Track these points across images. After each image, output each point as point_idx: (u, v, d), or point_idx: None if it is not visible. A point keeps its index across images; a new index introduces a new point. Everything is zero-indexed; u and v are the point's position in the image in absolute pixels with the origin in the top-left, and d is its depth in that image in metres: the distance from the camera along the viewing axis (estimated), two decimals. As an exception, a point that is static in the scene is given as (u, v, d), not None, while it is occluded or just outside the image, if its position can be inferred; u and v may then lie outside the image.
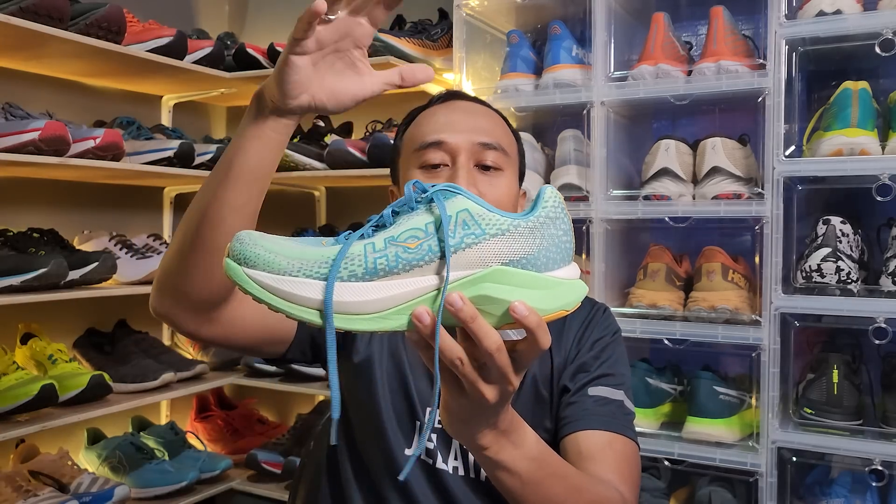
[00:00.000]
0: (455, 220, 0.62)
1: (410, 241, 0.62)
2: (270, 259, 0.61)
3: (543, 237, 0.63)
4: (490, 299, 0.61)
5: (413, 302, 0.61)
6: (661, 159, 1.67)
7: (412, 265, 0.61)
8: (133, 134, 2.09)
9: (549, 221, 0.64)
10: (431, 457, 1.02)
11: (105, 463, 2.00)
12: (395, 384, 1.05)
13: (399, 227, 0.62)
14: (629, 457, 0.96)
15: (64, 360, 1.88)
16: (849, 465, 1.57)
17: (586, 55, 1.80)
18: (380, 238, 0.62)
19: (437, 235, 0.62)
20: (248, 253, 0.61)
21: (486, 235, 0.62)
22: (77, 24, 1.82)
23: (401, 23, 2.24)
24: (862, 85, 1.53)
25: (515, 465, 0.72)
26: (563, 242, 0.64)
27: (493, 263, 0.62)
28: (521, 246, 0.62)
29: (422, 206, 0.63)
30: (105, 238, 2.05)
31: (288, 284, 0.60)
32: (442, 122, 1.03)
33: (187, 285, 0.88)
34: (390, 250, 0.61)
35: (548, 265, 0.63)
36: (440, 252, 0.61)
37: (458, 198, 0.63)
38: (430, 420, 0.65)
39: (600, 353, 1.05)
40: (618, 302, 1.77)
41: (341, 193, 2.51)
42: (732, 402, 1.63)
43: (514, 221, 0.63)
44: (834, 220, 1.55)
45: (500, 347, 0.62)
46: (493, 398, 0.65)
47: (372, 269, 0.61)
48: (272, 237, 0.64)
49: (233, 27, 2.74)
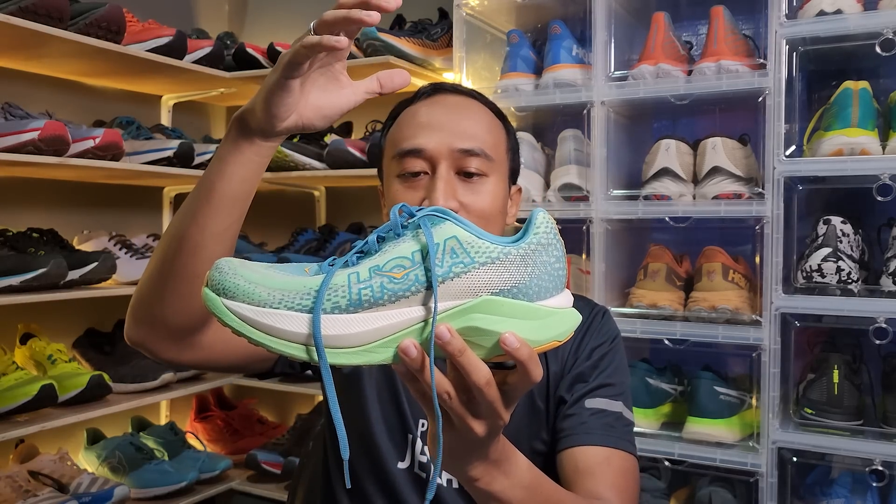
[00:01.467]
0: (443, 247, 0.59)
1: (396, 271, 0.59)
2: (250, 290, 0.58)
3: (535, 265, 0.60)
4: (479, 331, 0.59)
5: (399, 334, 0.59)
6: (662, 159, 1.67)
7: (398, 296, 0.59)
8: (133, 134, 2.09)
9: (541, 248, 0.61)
10: (424, 470, 1.00)
11: (105, 463, 2.00)
12: (385, 396, 1.03)
13: (385, 256, 0.60)
14: (627, 471, 0.94)
15: (63, 361, 1.88)
16: (849, 466, 1.57)
17: (586, 55, 1.80)
18: (364, 267, 0.59)
19: (424, 265, 0.59)
20: (228, 283, 0.58)
21: (476, 264, 0.59)
22: (77, 24, 1.82)
23: (401, 22, 2.24)
24: (862, 85, 1.53)
25: (507, 494, 0.70)
26: (555, 270, 0.61)
27: (483, 293, 0.59)
28: (512, 275, 0.60)
29: (408, 233, 0.61)
30: (104, 238, 2.05)
31: (269, 318, 0.58)
32: (422, 124, 0.97)
33: (165, 313, 0.85)
34: (375, 280, 0.59)
35: (540, 294, 0.60)
36: (427, 282, 0.59)
37: (446, 224, 0.60)
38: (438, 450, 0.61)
39: (598, 361, 1.02)
40: (618, 302, 1.77)
41: (341, 193, 2.51)
42: (733, 403, 1.63)
43: (505, 249, 0.60)
44: (834, 220, 1.55)
45: (489, 382, 0.60)
46: (483, 432, 0.63)
47: (356, 301, 0.58)
48: (253, 265, 0.61)
49: (232, 27, 2.73)
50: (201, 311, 0.85)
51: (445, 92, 1.02)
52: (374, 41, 2.02)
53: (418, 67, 2.07)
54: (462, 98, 1.02)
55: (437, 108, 0.99)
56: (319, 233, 2.32)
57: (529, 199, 1.78)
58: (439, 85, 1.04)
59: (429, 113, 0.98)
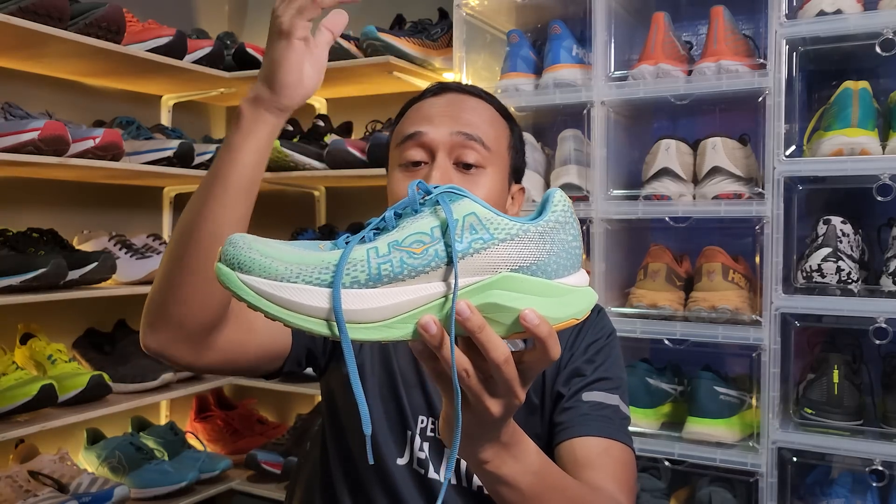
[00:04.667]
0: (462, 224, 0.59)
1: (416, 246, 0.58)
2: (267, 264, 0.56)
3: (553, 242, 0.60)
4: (499, 307, 0.58)
5: (419, 310, 0.58)
6: (662, 159, 1.67)
7: (418, 271, 0.58)
8: (132, 134, 2.09)
9: (558, 226, 0.61)
10: (423, 466, 1.01)
11: (105, 463, 2.00)
12: (386, 393, 1.03)
13: (403, 231, 0.59)
14: (626, 463, 0.95)
15: (63, 361, 1.88)
16: (849, 466, 1.57)
17: (586, 55, 1.80)
18: (383, 242, 0.59)
19: (444, 240, 0.58)
20: (243, 257, 0.57)
21: (495, 240, 0.59)
22: (77, 24, 1.82)
23: (401, 22, 2.24)
24: (862, 85, 1.53)
25: (517, 479, 0.70)
26: (572, 248, 0.61)
27: (502, 269, 0.59)
28: (531, 251, 0.59)
29: (426, 209, 0.60)
30: (104, 238, 2.05)
31: (287, 292, 0.56)
32: (425, 115, 1.00)
33: (183, 314, 0.85)
34: (394, 255, 0.58)
35: (558, 272, 0.60)
36: (447, 258, 0.58)
37: (464, 201, 0.60)
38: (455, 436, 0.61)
39: (594, 356, 1.03)
40: (618, 302, 1.77)
41: (341, 193, 2.51)
42: (733, 403, 1.63)
43: (524, 226, 0.60)
44: (834, 220, 1.55)
45: (507, 359, 0.59)
46: (498, 412, 0.63)
47: (376, 276, 0.57)
48: (266, 240, 0.60)
49: (232, 27, 2.73)
50: (220, 305, 0.86)
51: (451, 91, 1.05)
52: (373, 41, 2.02)
53: (418, 67, 2.07)
54: (467, 95, 1.04)
55: (441, 101, 1.02)
56: (319, 233, 2.32)
57: (530, 200, 1.78)
58: (446, 84, 1.07)
59: (432, 105, 1.02)
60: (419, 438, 1.01)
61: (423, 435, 1.02)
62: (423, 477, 1.00)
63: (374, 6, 2.36)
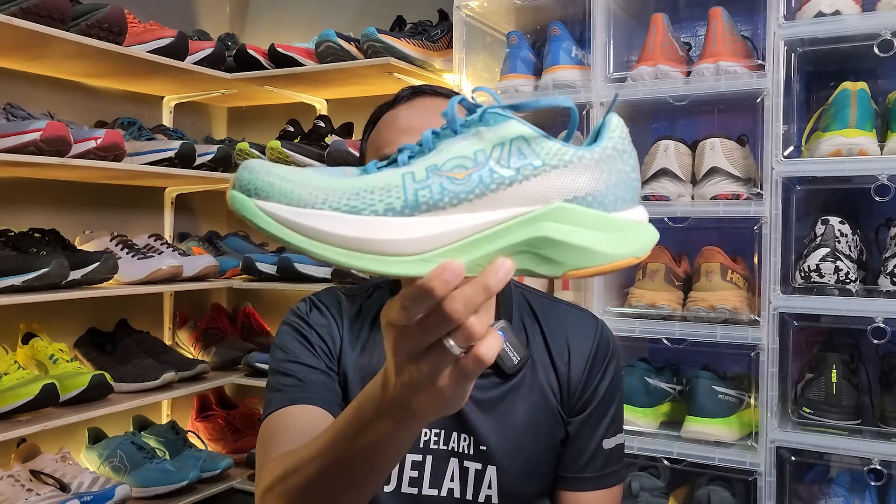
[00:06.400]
0: (509, 147, 0.53)
1: (457, 171, 0.52)
2: (288, 189, 0.50)
3: (611, 172, 0.54)
4: (550, 241, 0.52)
5: (461, 243, 0.52)
6: (660, 160, 1.67)
7: (460, 199, 0.52)
8: (134, 134, 2.10)
9: (616, 154, 0.54)
10: (416, 485, 0.97)
11: (106, 462, 2.00)
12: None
13: (442, 155, 0.53)
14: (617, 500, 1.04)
15: (65, 360, 1.89)
16: (847, 465, 1.57)
17: (585, 56, 1.80)
18: (420, 166, 0.53)
19: (489, 165, 0.52)
20: (261, 182, 0.51)
21: (547, 167, 0.53)
22: (78, 25, 1.82)
23: (401, 24, 2.24)
24: (860, 85, 1.54)
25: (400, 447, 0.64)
26: (631, 180, 0.55)
27: (555, 200, 0.52)
28: (587, 181, 0.53)
29: (468, 130, 0.54)
30: (106, 238, 2.05)
31: (312, 219, 0.50)
32: (402, 129, 0.96)
33: None
34: (433, 180, 0.52)
35: (616, 205, 0.54)
36: (493, 184, 0.52)
37: (511, 122, 0.54)
38: None
39: (610, 402, 1.04)
40: (617, 301, 1.77)
41: (342, 194, 2.51)
42: (731, 402, 1.63)
43: (579, 153, 0.53)
44: (832, 221, 1.56)
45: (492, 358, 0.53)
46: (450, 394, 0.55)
47: (413, 203, 0.51)
48: (286, 166, 0.53)
49: (234, 28, 2.74)
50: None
51: (425, 95, 1.02)
52: (374, 42, 2.03)
53: (418, 69, 2.08)
54: (442, 100, 1.00)
55: (417, 112, 0.99)
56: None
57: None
58: (419, 88, 1.03)
59: (408, 117, 0.98)
60: (409, 457, 0.97)
61: (425, 448, 0.98)
62: (418, 496, 0.97)
63: (375, 7, 2.37)
